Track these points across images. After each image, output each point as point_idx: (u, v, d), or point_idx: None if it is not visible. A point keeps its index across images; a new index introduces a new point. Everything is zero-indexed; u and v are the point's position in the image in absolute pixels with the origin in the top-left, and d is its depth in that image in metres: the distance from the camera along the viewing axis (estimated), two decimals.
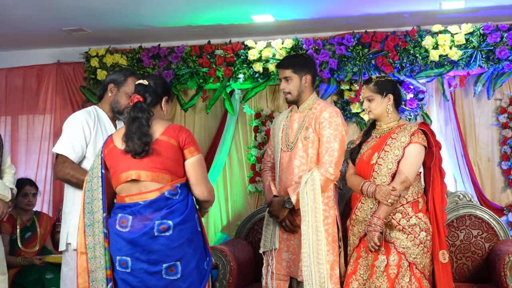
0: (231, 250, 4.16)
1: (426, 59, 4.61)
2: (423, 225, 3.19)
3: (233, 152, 5.21)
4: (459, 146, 4.75)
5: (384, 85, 3.30)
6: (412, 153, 3.17)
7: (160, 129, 2.67)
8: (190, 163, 2.69)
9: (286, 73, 3.48)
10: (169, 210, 2.60)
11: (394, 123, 3.30)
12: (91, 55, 5.24)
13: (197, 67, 4.99)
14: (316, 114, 3.45)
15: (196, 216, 2.71)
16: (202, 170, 2.71)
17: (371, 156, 3.26)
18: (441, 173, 3.27)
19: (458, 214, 4.25)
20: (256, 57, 4.87)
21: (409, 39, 4.65)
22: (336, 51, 4.73)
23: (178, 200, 2.64)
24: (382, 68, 4.66)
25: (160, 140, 2.65)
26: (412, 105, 4.71)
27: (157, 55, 5.12)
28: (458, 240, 4.22)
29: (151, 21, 4.74)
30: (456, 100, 4.84)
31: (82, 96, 5.42)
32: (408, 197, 3.20)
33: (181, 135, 2.67)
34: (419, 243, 3.17)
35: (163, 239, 2.57)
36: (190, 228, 2.63)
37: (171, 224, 2.58)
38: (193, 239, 2.64)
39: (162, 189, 2.63)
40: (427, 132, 3.23)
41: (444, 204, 3.24)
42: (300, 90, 3.49)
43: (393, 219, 3.18)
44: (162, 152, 2.64)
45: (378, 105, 3.28)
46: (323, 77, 4.77)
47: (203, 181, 2.70)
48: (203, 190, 2.71)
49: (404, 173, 3.14)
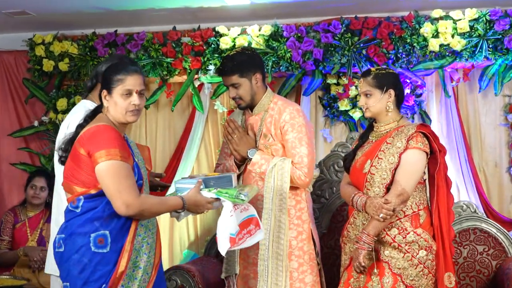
0: (199, 270, 4.15)
1: (424, 49, 4.60)
2: (423, 243, 3.12)
3: (202, 156, 5.19)
4: (462, 149, 4.75)
5: (385, 79, 3.24)
6: (410, 161, 3.12)
7: (82, 133, 2.68)
8: (97, 170, 2.59)
9: (233, 80, 3.42)
10: (65, 224, 2.66)
11: (394, 124, 3.25)
12: (36, 42, 5.19)
13: (160, 57, 4.95)
14: (275, 117, 3.43)
15: (93, 235, 2.60)
16: (111, 180, 2.57)
17: (363, 163, 3.22)
18: (447, 183, 3.23)
19: (461, 227, 4.25)
20: (229, 45, 4.83)
21: (405, 26, 4.64)
22: (321, 39, 4.70)
23: (77, 213, 2.62)
24: (374, 59, 4.62)
25: (74, 146, 2.67)
26: (409, 102, 4.70)
27: (114, 43, 5.08)
28: (461, 257, 4.23)
29: (107, 3, 4.68)
30: (459, 97, 4.85)
31: (25, 90, 5.35)
32: (406, 210, 3.14)
33: (86, 140, 2.62)
34: (418, 263, 3.11)
35: (58, 256, 2.67)
36: (76, 246, 2.60)
37: (61, 240, 2.65)
38: (81, 261, 2.59)
39: (68, 200, 2.68)
40: (429, 136, 3.18)
41: (451, 218, 3.21)
42: (252, 93, 3.45)
43: (387, 235, 3.13)
44: (71, 159, 2.66)
45: (377, 101, 3.22)
46: (307, 69, 4.74)
47: (115, 193, 2.57)
48: (118, 204, 2.57)
49: (401, 184, 3.09)
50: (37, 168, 5.15)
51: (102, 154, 2.56)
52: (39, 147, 5.26)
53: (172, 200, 2.74)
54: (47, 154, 5.16)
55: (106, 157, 2.56)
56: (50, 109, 5.14)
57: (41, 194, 4.83)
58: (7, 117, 5.33)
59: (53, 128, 5.08)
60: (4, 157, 5.32)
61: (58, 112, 5.07)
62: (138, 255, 2.64)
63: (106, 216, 2.60)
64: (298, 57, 4.65)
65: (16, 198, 5.15)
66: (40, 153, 5.20)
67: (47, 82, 5.19)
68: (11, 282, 4.35)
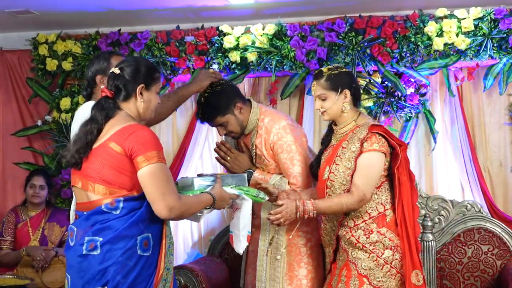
0: (203, 270, 4.15)
1: (429, 48, 4.59)
2: (388, 242, 3.07)
3: (206, 156, 5.18)
4: (467, 149, 4.73)
5: (338, 79, 3.14)
6: (366, 164, 3.04)
7: (112, 131, 2.60)
8: (140, 176, 2.56)
9: (218, 122, 3.41)
10: (101, 226, 2.55)
11: (351, 124, 3.17)
12: (39, 41, 5.19)
13: (164, 56, 4.95)
14: (264, 137, 3.40)
15: (140, 238, 2.58)
16: (157, 183, 2.55)
17: (323, 170, 3.17)
18: (411, 177, 3.13)
19: (465, 227, 4.32)
20: (232, 44, 4.83)
21: (409, 24, 4.63)
22: (325, 38, 4.70)
23: (116, 215, 2.56)
24: (378, 58, 4.62)
25: (104, 145, 2.59)
26: (413, 101, 4.70)
27: (117, 42, 5.06)
28: (465, 257, 4.29)
29: (110, 2, 4.68)
30: (464, 96, 4.83)
31: (28, 90, 5.36)
32: (371, 212, 3.09)
33: (128, 142, 2.56)
34: (384, 264, 3.06)
35: (91, 258, 2.55)
36: (122, 249, 2.53)
37: (99, 242, 2.54)
38: (127, 264, 2.54)
39: (101, 201, 2.58)
40: (384, 134, 3.09)
41: (415, 214, 3.10)
42: (240, 123, 3.42)
43: (352, 236, 3.10)
44: (101, 159, 2.59)
45: (333, 103, 3.13)
46: (311, 68, 4.71)
47: (159, 196, 2.54)
48: (161, 207, 2.55)
49: (361, 188, 3.02)
50: (36, 167, 5.17)
51: (148, 156, 2.53)
52: (43, 147, 5.29)
53: (204, 197, 2.74)
54: (50, 153, 5.18)
55: (151, 160, 2.53)
56: (53, 109, 5.16)
57: (40, 192, 4.86)
58: (11, 117, 5.37)
59: (57, 127, 5.11)
60: (7, 156, 5.36)
61: (62, 112, 5.09)
62: (167, 256, 2.64)
63: (149, 218, 2.58)
64: (302, 56, 4.65)
65: (19, 198, 5.14)
66: (44, 152, 5.22)
67: (51, 82, 5.21)
68: (14, 282, 4.40)
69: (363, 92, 4.64)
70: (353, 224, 3.10)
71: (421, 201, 4.39)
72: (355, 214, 3.09)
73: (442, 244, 4.36)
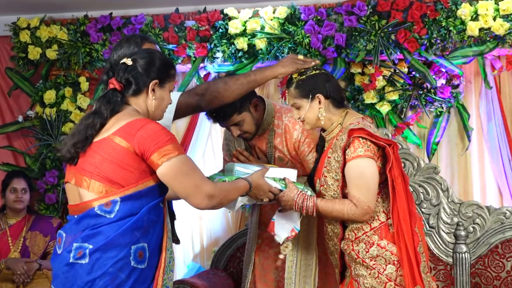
0: (205, 285, 4.19)
1: (462, 33, 4.56)
2: (389, 257, 3.00)
3: (209, 155, 5.24)
4: (505, 148, 4.71)
5: (307, 85, 3.13)
6: (355, 173, 2.99)
7: (117, 126, 2.58)
8: (162, 176, 2.54)
9: (234, 120, 3.43)
10: (92, 231, 2.51)
11: (337, 128, 3.14)
12: (20, 26, 5.21)
13: (162, 43, 4.92)
14: (286, 137, 3.47)
15: (134, 247, 2.54)
16: (185, 178, 2.55)
17: (315, 183, 3.21)
18: (404, 179, 3.06)
19: (504, 237, 4.27)
20: (239, 30, 4.83)
21: (440, 7, 4.59)
22: (344, 22, 4.69)
23: (110, 220, 2.51)
24: (404, 46, 4.59)
25: (107, 140, 2.56)
26: (445, 94, 4.70)
27: (108, 27, 5.10)
28: (503, 271, 4.26)
29: None
30: (502, 88, 4.80)
31: (8, 81, 5.36)
32: (372, 222, 3.04)
33: (138, 138, 2.54)
34: (387, 281, 3.00)
35: (78, 267, 2.51)
36: (113, 259, 2.48)
37: (88, 250, 2.49)
38: (118, 276, 2.49)
39: (93, 202, 2.53)
40: (367, 137, 3.02)
41: (413, 220, 3.02)
42: (255, 121, 3.47)
43: (353, 251, 3.05)
44: (102, 153, 2.55)
45: (307, 111, 3.13)
46: (328, 56, 4.73)
47: (193, 189, 2.55)
48: (199, 199, 2.57)
49: (363, 200, 2.97)
50: (16, 168, 5.15)
51: (163, 152, 2.52)
52: (24, 146, 5.27)
53: (240, 183, 2.81)
54: (32, 153, 5.14)
55: (169, 154, 2.52)
56: (36, 102, 5.14)
57: (23, 197, 4.78)
58: None
59: (40, 124, 5.10)
60: None
61: (46, 106, 5.07)
62: (166, 273, 2.61)
63: (147, 227, 2.56)
64: (318, 43, 4.61)
65: None
66: (25, 152, 5.18)
67: (33, 72, 5.19)
68: None
69: (387, 83, 4.69)
70: (354, 237, 3.05)
71: (453, 207, 4.36)
72: (355, 226, 3.05)
73: (477, 256, 4.32)
